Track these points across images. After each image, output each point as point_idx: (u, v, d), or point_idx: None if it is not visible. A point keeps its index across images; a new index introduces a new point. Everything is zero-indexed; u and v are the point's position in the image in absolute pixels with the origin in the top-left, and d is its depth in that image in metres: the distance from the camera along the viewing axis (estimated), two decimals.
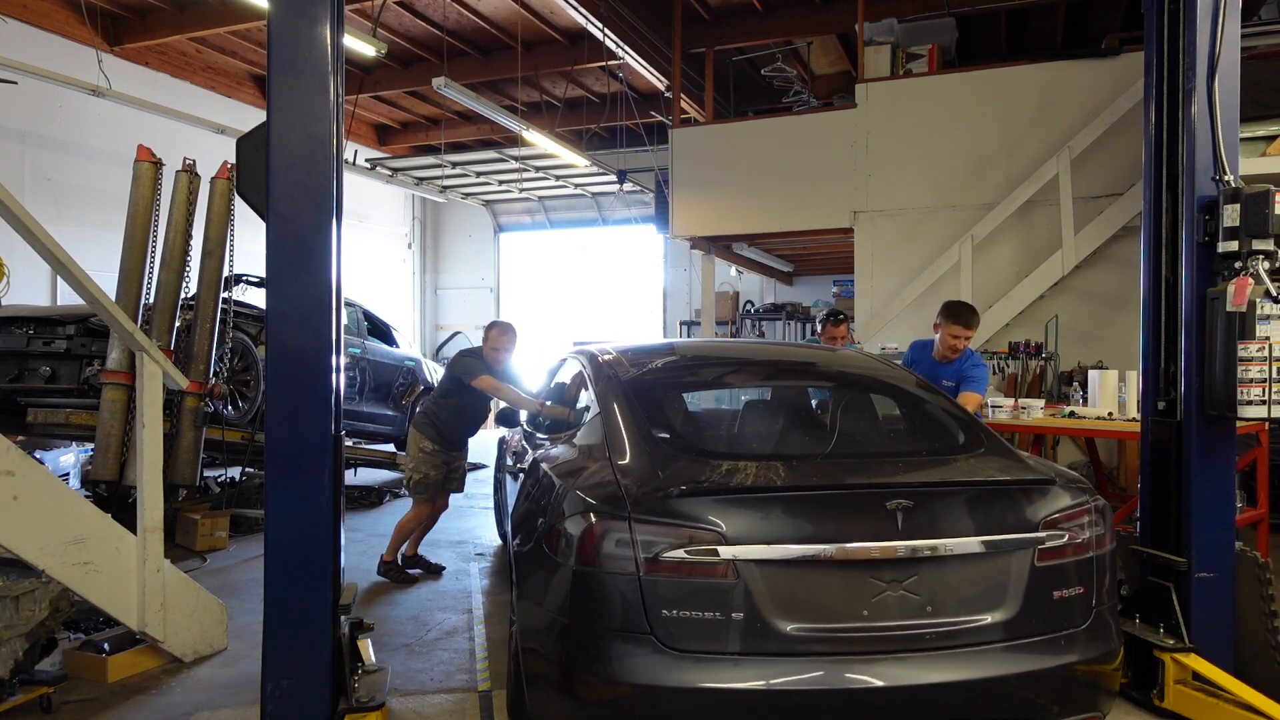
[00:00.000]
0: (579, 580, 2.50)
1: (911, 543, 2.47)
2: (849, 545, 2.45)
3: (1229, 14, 3.47)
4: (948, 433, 3.22)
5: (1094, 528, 2.69)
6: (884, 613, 2.45)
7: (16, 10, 9.56)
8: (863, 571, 2.46)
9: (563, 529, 2.60)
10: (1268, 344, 3.26)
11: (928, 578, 2.49)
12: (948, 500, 2.61)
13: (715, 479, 2.61)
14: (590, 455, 3.01)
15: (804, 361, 4.21)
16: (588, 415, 3.41)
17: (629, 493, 2.54)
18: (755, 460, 2.80)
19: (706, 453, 2.92)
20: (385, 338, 9.82)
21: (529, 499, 3.29)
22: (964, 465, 2.91)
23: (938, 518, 2.54)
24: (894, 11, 8.82)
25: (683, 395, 3.79)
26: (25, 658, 3.44)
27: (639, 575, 2.40)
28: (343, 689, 3.06)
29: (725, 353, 4.51)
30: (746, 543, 2.41)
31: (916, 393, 3.58)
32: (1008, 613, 2.52)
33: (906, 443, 3.37)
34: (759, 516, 2.48)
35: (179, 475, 6.10)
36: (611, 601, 2.44)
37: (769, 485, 2.59)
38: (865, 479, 2.71)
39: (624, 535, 2.43)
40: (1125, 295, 6.89)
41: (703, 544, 2.40)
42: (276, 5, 2.83)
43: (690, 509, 2.45)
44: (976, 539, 2.53)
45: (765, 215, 9.02)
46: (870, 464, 2.88)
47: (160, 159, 5.91)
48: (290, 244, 2.84)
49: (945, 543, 2.49)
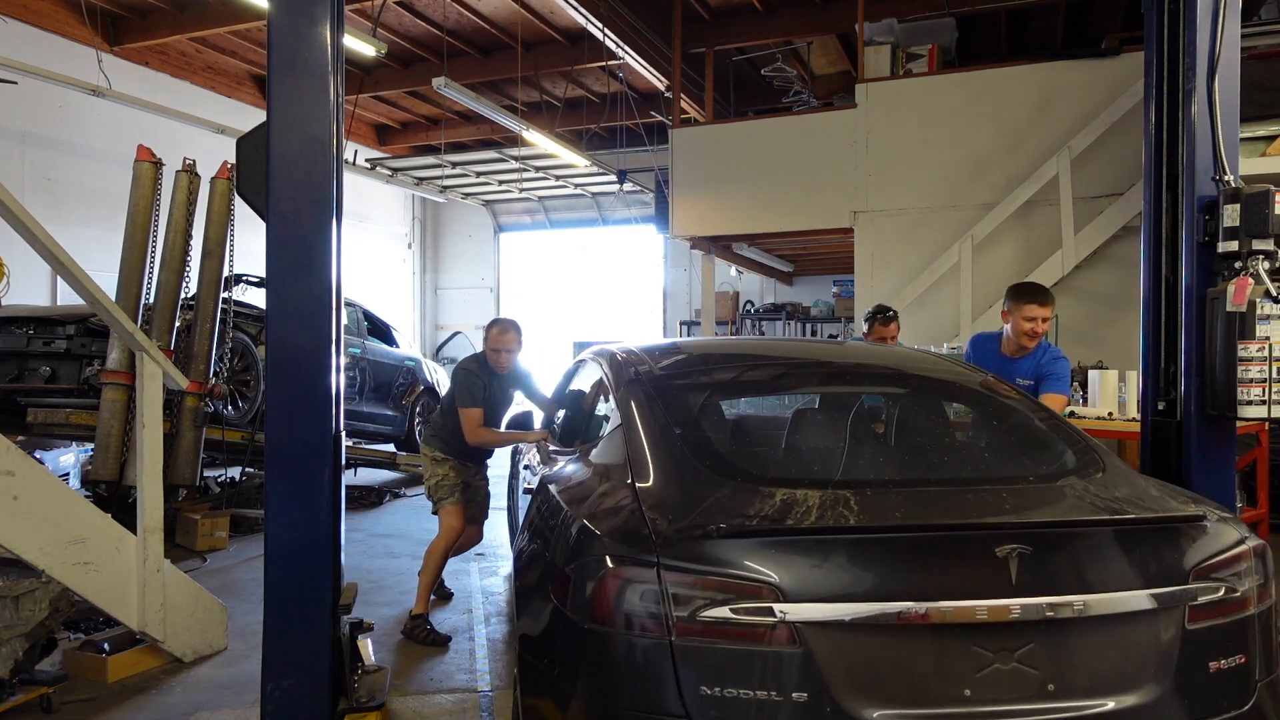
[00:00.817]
0: (593, 642, 1.98)
1: (1037, 600, 1.90)
2: (947, 604, 1.89)
3: (1229, 14, 3.47)
4: (1054, 452, 2.61)
5: (1254, 576, 2.12)
6: (991, 693, 1.89)
7: (16, 10, 9.57)
8: (964, 638, 1.90)
9: (572, 575, 2.07)
10: (1268, 344, 3.25)
11: (1049, 647, 1.93)
12: (1074, 544, 2.04)
13: (768, 513, 2.05)
14: (608, 477, 2.49)
15: (866, 363, 3.45)
16: (606, 426, 2.88)
17: (657, 530, 2.00)
18: (818, 488, 2.17)
19: (755, 477, 2.31)
20: (385, 338, 9.83)
21: (533, 529, 2.76)
22: (1086, 495, 2.27)
23: (1061, 567, 1.98)
24: (894, 11, 8.82)
25: (722, 404, 3.16)
26: (25, 658, 3.44)
27: (670, 639, 1.88)
28: (343, 689, 3.06)
29: (769, 352, 3.84)
30: (811, 599, 1.87)
31: (1008, 401, 2.94)
32: (1151, 694, 1.95)
33: (1006, 466, 2.67)
34: (827, 564, 1.94)
35: (179, 475, 6.10)
36: (635, 672, 1.93)
37: (840, 524, 2.01)
38: (966, 516, 2.12)
39: (651, 586, 1.91)
40: (1125, 295, 6.89)
41: (753, 600, 1.87)
42: (276, 5, 2.83)
43: (737, 553, 1.92)
44: (1123, 594, 1.96)
45: (765, 215, 9.02)
46: (968, 495, 2.24)
47: (160, 159, 5.91)
48: (290, 244, 2.84)
49: (1085, 600, 1.92)
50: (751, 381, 3.33)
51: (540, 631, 2.28)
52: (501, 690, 3.79)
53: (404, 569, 5.86)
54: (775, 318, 13.91)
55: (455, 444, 4.73)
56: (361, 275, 15.09)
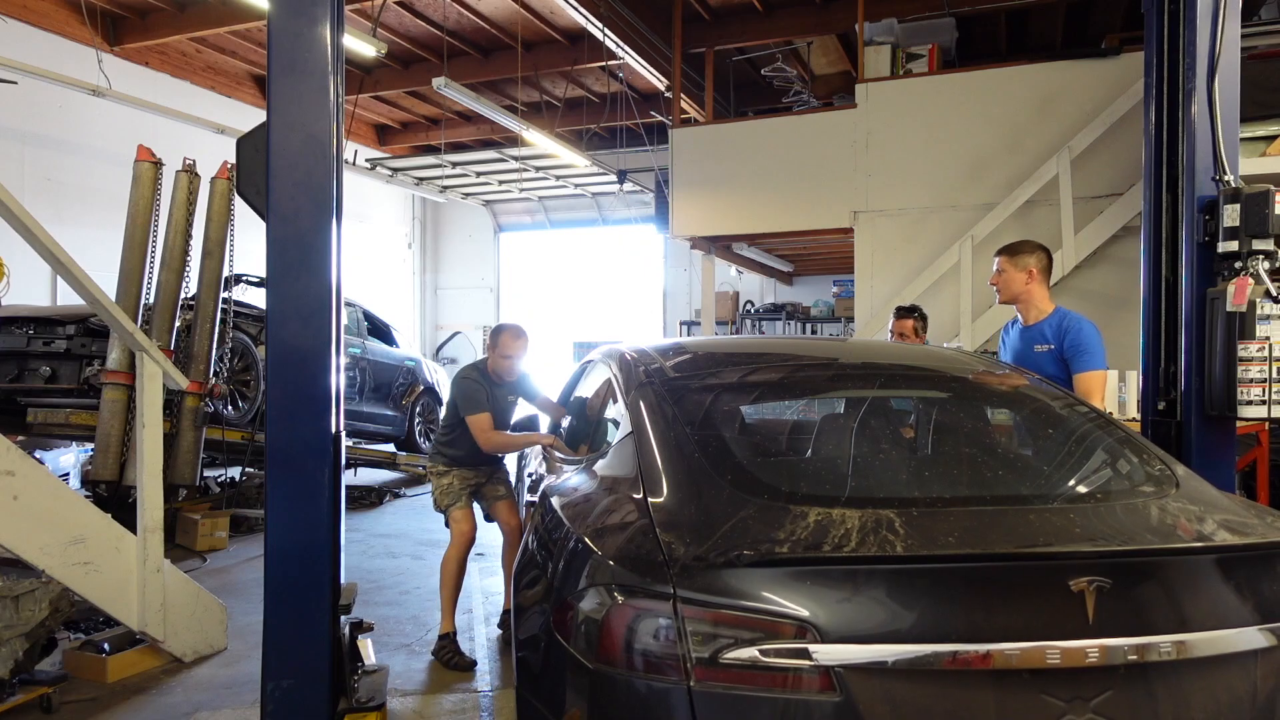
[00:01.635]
0: (600, 686, 1.74)
1: (1120, 641, 1.64)
2: (1011, 646, 1.63)
3: (1229, 14, 3.47)
4: (1120, 465, 2.31)
5: None
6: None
7: (16, 10, 9.57)
8: (1032, 686, 1.64)
9: (576, 607, 1.83)
10: (1268, 344, 3.26)
11: (1132, 696, 1.67)
12: (1163, 575, 1.76)
13: (802, 536, 1.77)
14: (617, 491, 2.23)
15: (900, 362, 3.12)
16: (616, 433, 2.63)
17: (673, 555, 1.75)
18: (858, 508, 1.89)
19: (785, 494, 2.02)
20: (385, 338, 9.83)
21: (533, 546, 2.50)
22: (1166, 515, 1.98)
23: (1147, 602, 1.72)
24: (894, 11, 8.82)
25: (744, 409, 2.83)
26: (25, 658, 3.44)
27: (688, 684, 1.64)
28: (343, 689, 3.06)
29: (791, 350, 3.54)
30: (852, 639, 1.62)
31: (1060, 406, 2.63)
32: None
33: (1069, 481, 2.34)
34: (870, 598, 1.68)
35: (179, 475, 6.11)
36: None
37: (886, 551, 1.71)
38: (1032, 542, 1.81)
39: (667, 622, 1.67)
40: (1125, 295, 6.88)
41: (785, 640, 1.62)
42: (276, 5, 2.83)
43: (766, 585, 1.66)
44: (1222, 634, 1.70)
45: (765, 215, 9.02)
46: (1030, 515, 1.94)
47: (160, 159, 5.91)
48: (290, 244, 2.84)
49: (1178, 641, 1.66)
50: (777, 383, 2.99)
51: (540, 667, 2.05)
52: (501, 690, 3.79)
53: (404, 569, 5.87)
54: (775, 318, 13.91)
55: (459, 455, 4.56)
56: (361, 275, 15.09)
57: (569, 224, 17.43)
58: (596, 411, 3.31)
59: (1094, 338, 3.63)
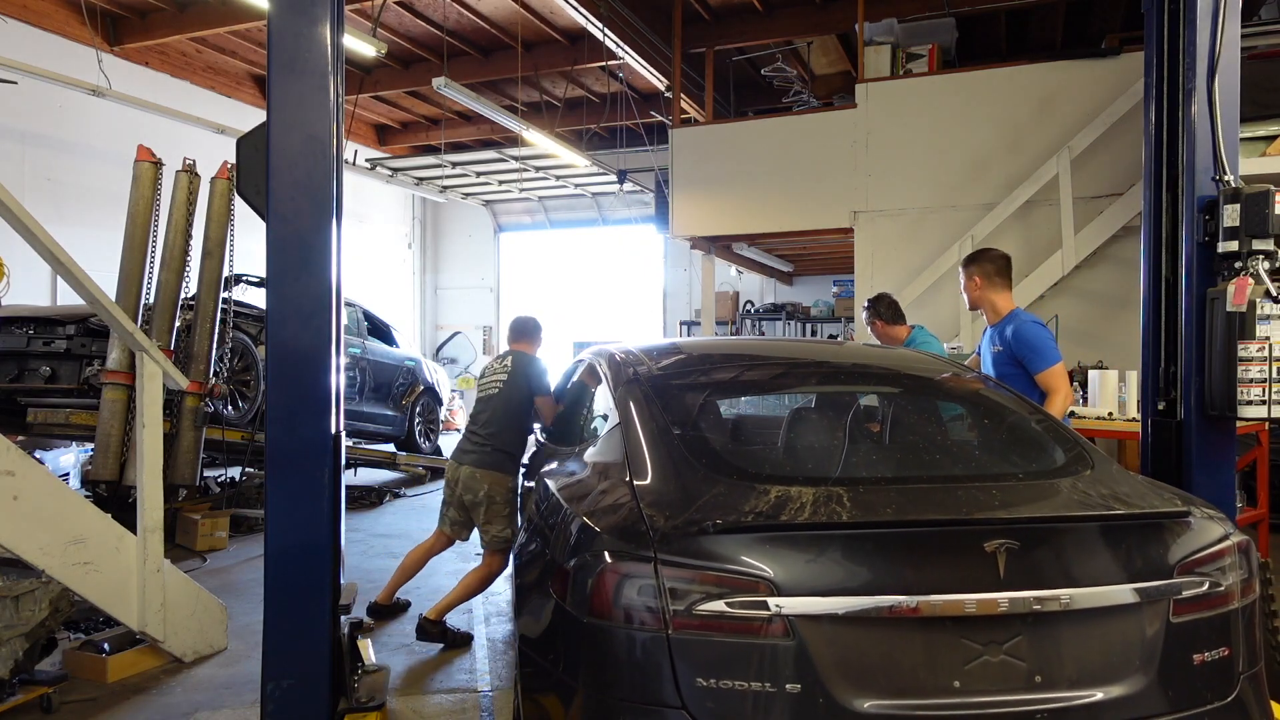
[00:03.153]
0: (591, 636, 2.03)
1: (1024, 594, 1.95)
2: (937, 597, 1.94)
3: (1229, 14, 3.47)
4: (1044, 450, 2.67)
5: (1237, 571, 2.18)
6: (980, 684, 1.95)
7: (16, 10, 9.57)
8: (953, 631, 1.96)
9: (572, 571, 2.13)
10: (1268, 344, 3.26)
11: (1036, 639, 1.98)
12: (1061, 539, 2.08)
13: (764, 509, 2.09)
14: (607, 475, 2.55)
15: (861, 363, 3.50)
16: (605, 425, 2.94)
17: (655, 525, 2.06)
18: (813, 485, 2.22)
19: (751, 475, 2.35)
20: (385, 338, 9.84)
21: (532, 527, 2.87)
22: (1074, 492, 2.31)
23: (1049, 561, 2.03)
24: (894, 11, 8.82)
25: (719, 404, 3.19)
26: (25, 658, 3.44)
27: (667, 633, 1.93)
28: (343, 689, 3.06)
29: (766, 352, 3.85)
30: (805, 593, 1.93)
31: (1001, 401, 2.99)
32: (1136, 685, 2.01)
33: (997, 463, 2.73)
34: (821, 559, 1.99)
35: (179, 475, 6.10)
36: (632, 665, 1.98)
37: (833, 519, 2.05)
38: (956, 511, 2.15)
39: (648, 581, 1.96)
40: (1125, 295, 6.89)
41: (748, 594, 1.92)
42: (276, 5, 2.83)
43: (733, 548, 1.97)
44: (1108, 589, 2.02)
45: (765, 215, 9.02)
46: (959, 491, 2.28)
47: (160, 159, 5.91)
48: (290, 244, 2.84)
49: (1071, 594, 1.98)
50: (748, 381, 3.39)
51: (540, 626, 2.34)
52: (501, 690, 3.79)
53: None
54: (775, 318, 13.91)
55: (521, 457, 4.33)
56: (361, 275, 15.09)
57: (569, 224, 17.42)
58: (588, 405, 3.56)
59: (1037, 335, 3.77)
